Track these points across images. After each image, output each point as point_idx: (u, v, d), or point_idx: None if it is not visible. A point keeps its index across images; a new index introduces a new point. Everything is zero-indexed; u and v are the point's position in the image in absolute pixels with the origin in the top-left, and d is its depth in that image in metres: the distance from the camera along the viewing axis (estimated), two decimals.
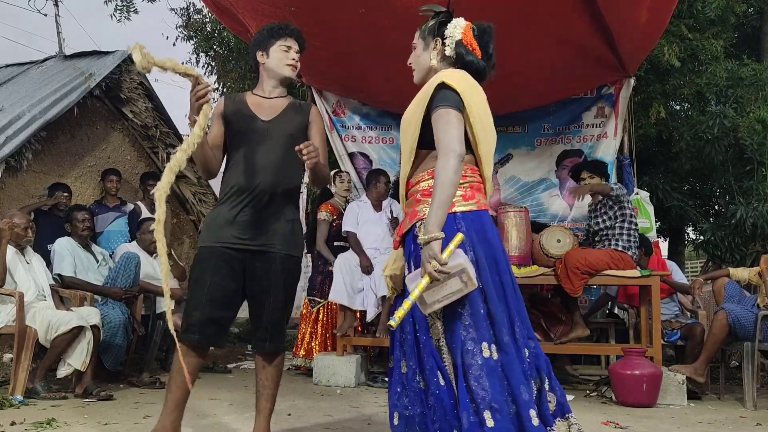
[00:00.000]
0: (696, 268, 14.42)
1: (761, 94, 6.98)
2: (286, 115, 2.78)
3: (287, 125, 2.75)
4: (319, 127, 2.84)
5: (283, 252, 2.71)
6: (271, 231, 2.69)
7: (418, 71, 2.48)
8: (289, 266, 2.74)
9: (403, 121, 2.39)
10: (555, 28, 4.71)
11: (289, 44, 2.83)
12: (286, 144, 2.70)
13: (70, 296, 4.60)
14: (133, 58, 2.27)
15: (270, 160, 2.69)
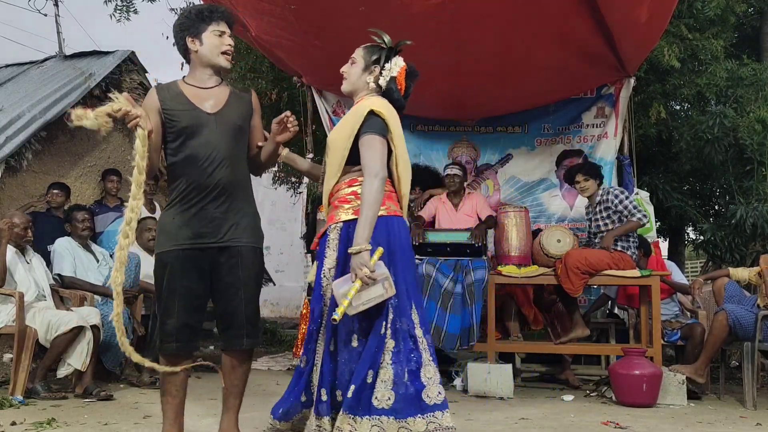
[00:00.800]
0: (696, 268, 14.41)
1: (761, 94, 6.97)
2: (230, 105, 2.69)
3: (234, 116, 2.68)
4: (259, 113, 2.84)
5: (250, 245, 2.67)
6: (234, 225, 2.63)
7: (348, 84, 2.82)
8: (257, 259, 2.70)
9: (333, 139, 2.71)
10: (555, 28, 4.71)
11: (222, 29, 2.69)
12: (236, 135, 2.67)
13: (70, 296, 4.60)
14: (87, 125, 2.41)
15: (222, 154, 2.62)
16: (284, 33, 4.91)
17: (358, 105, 2.71)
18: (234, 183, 2.64)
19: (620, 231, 4.78)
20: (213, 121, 2.64)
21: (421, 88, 5.91)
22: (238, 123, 2.68)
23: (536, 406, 4.23)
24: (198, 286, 2.62)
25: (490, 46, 4.85)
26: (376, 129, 2.58)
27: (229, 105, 2.69)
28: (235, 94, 2.74)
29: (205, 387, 4.81)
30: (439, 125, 6.58)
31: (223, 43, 2.69)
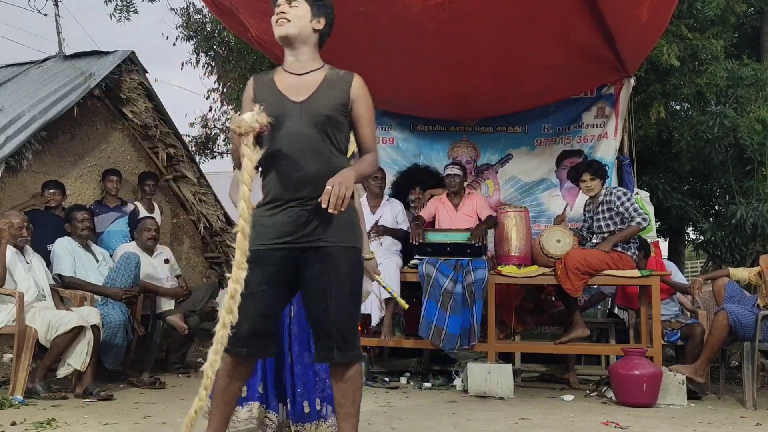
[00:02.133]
0: (696, 268, 14.41)
1: (761, 94, 6.98)
2: (320, 92, 2.42)
3: (321, 104, 2.41)
4: (365, 102, 2.45)
5: (339, 244, 2.38)
6: (323, 223, 2.36)
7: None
8: (350, 260, 2.40)
9: None
10: (555, 28, 4.72)
11: (279, 2, 2.46)
12: (323, 126, 2.40)
13: (70, 296, 4.60)
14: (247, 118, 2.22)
15: (308, 146, 2.38)
16: None
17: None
18: (324, 178, 2.32)
19: (619, 237, 4.78)
20: (298, 110, 2.40)
21: (421, 87, 5.95)
22: (325, 113, 2.40)
23: (536, 406, 4.23)
24: (277, 291, 2.40)
25: (490, 46, 4.85)
26: None
27: (318, 92, 2.42)
28: (330, 81, 2.44)
29: None
30: (439, 125, 6.58)
31: (276, 13, 2.44)
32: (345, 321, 2.36)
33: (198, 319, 5.40)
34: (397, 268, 5.01)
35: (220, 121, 10.44)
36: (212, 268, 7.30)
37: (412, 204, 5.77)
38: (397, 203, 5.51)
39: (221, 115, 10.35)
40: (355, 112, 2.44)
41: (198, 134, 10.74)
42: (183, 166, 6.63)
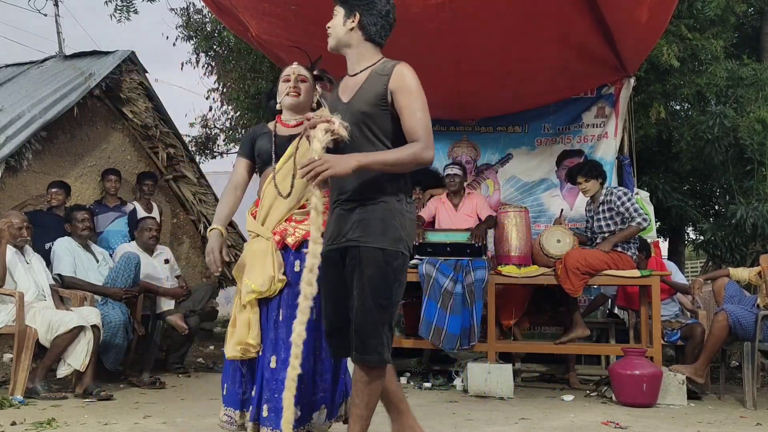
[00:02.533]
0: (696, 268, 14.42)
1: (761, 94, 6.98)
2: (361, 90, 2.43)
3: (360, 102, 2.41)
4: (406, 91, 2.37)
5: (368, 244, 2.34)
6: (357, 223, 2.37)
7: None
8: (375, 260, 2.34)
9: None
10: (555, 28, 4.71)
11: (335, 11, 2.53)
12: (361, 124, 2.39)
13: (70, 296, 4.60)
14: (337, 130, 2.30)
15: (350, 146, 2.38)
16: (284, 33, 4.91)
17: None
18: (360, 177, 2.35)
19: (619, 238, 4.78)
20: (345, 110, 2.44)
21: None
22: (363, 109, 2.39)
23: (536, 406, 4.23)
24: (339, 289, 2.46)
25: (490, 46, 4.85)
26: None
27: (360, 90, 2.44)
28: (373, 76, 2.43)
29: (205, 387, 4.81)
30: (439, 125, 6.58)
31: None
32: (363, 323, 2.33)
33: (198, 319, 5.40)
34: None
35: (220, 121, 10.44)
36: None
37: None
38: None
39: (221, 115, 10.35)
40: (396, 103, 2.38)
41: (198, 134, 10.73)
42: (183, 166, 6.63)
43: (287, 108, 2.92)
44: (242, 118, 9.32)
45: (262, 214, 2.82)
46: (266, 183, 2.81)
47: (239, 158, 2.96)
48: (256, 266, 2.72)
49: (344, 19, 2.47)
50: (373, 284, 2.33)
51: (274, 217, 2.79)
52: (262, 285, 2.68)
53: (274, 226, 2.78)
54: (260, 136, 2.92)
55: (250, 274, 2.72)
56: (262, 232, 2.78)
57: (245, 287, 2.72)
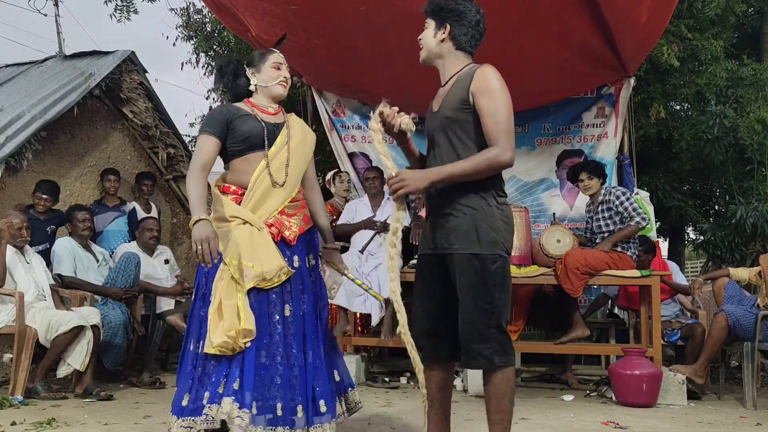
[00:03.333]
0: (696, 268, 14.41)
1: (761, 94, 6.97)
2: (447, 98, 2.48)
3: (446, 108, 2.47)
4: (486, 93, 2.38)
5: (462, 251, 2.39)
6: (447, 230, 2.43)
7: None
8: (472, 267, 2.38)
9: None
10: (555, 28, 4.71)
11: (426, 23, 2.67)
12: (447, 129, 2.45)
13: (70, 296, 4.60)
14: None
15: (438, 152, 2.47)
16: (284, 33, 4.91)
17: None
18: (448, 185, 2.41)
19: (618, 237, 4.78)
20: (436, 119, 2.54)
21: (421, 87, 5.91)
22: (447, 115, 2.46)
23: (536, 406, 4.23)
24: (435, 292, 2.49)
25: (489, 46, 4.84)
26: None
27: (446, 97, 2.49)
28: (457, 82, 2.48)
29: None
30: None
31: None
32: (467, 329, 2.38)
33: None
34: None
35: None
36: None
37: (412, 204, 5.76)
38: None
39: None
40: (476, 104, 2.39)
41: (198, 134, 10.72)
42: (183, 166, 6.63)
43: (274, 96, 2.85)
44: None
45: (251, 202, 2.70)
46: (259, 170, 2.72)
47: (209, 137, 2.70)
48: (258, 252, 2.61)
49: (435, 31, 2.55)
50: (473, 290, 2.36)
51: (269, 207, 2.72)
52: (268, 272, 2.58)
53: (268, 216, 2.71)
54: (239, 118, 2.76)
55: (254, 258, 2.59)
56: (253, 220, 2.68)
57: (250, 271, 2.57)
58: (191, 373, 2.61)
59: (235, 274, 2.57)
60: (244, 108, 2.81)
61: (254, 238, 2.64)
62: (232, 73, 2.91)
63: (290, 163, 2.77)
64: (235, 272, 2.57)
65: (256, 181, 2.71)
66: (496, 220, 2.40)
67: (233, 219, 2.68)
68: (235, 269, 2.57)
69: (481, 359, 2.37)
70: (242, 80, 2.88)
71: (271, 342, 2.60)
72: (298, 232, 2.75)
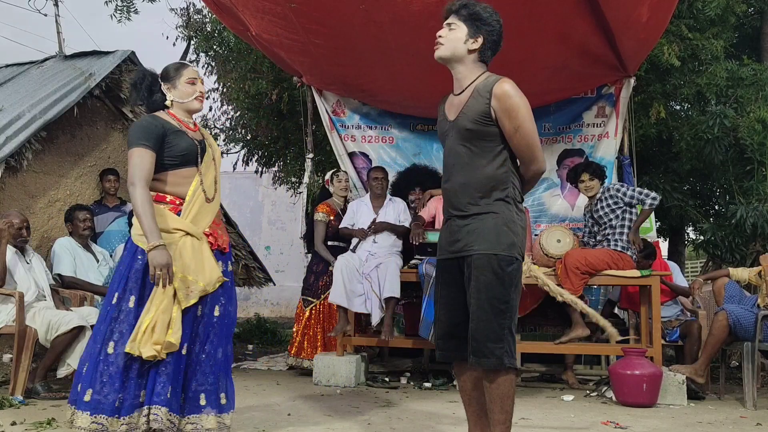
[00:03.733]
0: (696, 268, 14.41)
1: (761, 94, 6.96)
2: (467, 108, 2.55)
3: (465, 120, 2.53)
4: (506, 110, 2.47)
5: (481, 252, 2.47)
6: (469, 232, 2.51)
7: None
8: (490, 266, 2.46)
9: None
10: (555, 28, 4.71)
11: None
12: (468, 140, 2.53)
13: (70, 296, 4.60)
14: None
15: (457, 161, 2.56)
16: (285, 32, 4.91)
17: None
18: (471, 189, 2.51)
19: (638, 224, 4.87)
20: (452, 128, 2.60)
21: (421, 87, 5.93)
22: (468, 126, 2.52)
23: (536, 406, 4.23)
24: (455, 295, 2.57)
25: None
26: None
27: (465, 107, 2.56)
28: (476, 93, 2.54)
29: None
30: None
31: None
32: (481, 328, 2.43)
33: None
34: (397, 268, 5.01)
35: (220, 121, 10.42)
36: None
37: (412, 204, 5.77)
38: (400, 202, 5.51)
39: (221, 115, 10.33)
40: (501, 123, 2.49)
41: None
42: None
43: (191, 111, 2.97)
44: (242, 118, 9.31)
45: (190, 215, 2.84)
46: (194, 186, 2.86)
47: (146, 150, 2.80)
48: (200, 264, 2.78)
49: (467, 37, 2.55)
50: (490, 289, 2.44)
51: (206, 221, 2.88)
52: (209, 284, 2.77)
53: (205, 227, 2.87)
54: (174, 133, 2.87)
55: (198, 273, 2.77)
56: (194, 232, 2.83)
57: (194, 286, 2.75)
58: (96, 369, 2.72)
59: (180, 289, 2.72)
60: (171, 122, 2.92)
61: (195, 250, 2.80)
62: (147, 89, 2.98)
63: (218, 179, 2.98)
64: (179, 287, 2.72)
65: (193, 195, 2.87)
66: (516, 225, 2.51)
67: (176, 231, 2.81)
68: (180, 284, 2.73)
69: (492, 358, 2.42)
70: (158, 96, 2.97)
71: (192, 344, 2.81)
72: (227, 239, 2.98)
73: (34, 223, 5.13)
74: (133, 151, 2.80)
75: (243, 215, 13.20)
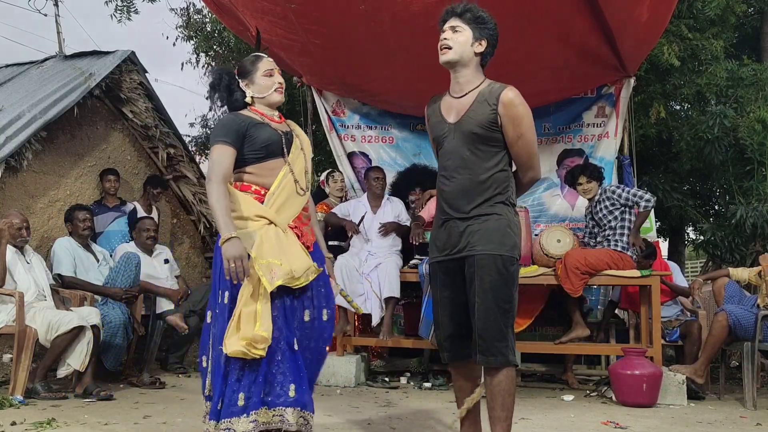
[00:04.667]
0: (696, 268, 14.41)
1: (761, 94, 6.97)
2: (471, 112, 2.57)
3: (471, 124, 2.56)
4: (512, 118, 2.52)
5: (486, 252, 2.50)
6: (472, 233, 2.53)
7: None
8: (495, 266, 2.50)
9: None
10: (555, 28, 4.71)
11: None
12: (473, 143, 2.56)
13: (70, 296, 4.60)
14: None
15: (458, 164, 2.57)
16: (284, 32, 4.91)
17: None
18: (473, 192, 2.55)
19: (637, 227, 4.86)
20: (452, 130, 2.60)
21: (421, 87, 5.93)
22: (474, 131, 2.54)
23: (536, 406, 4.23)
24: (456, 296, 2.59)
25: None
26: None
27: (469, 111, 2.57)
28: (481, 98, 2.57)
29: None
30: None
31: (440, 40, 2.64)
32: (488, 327, 2.47)
33: (198, 319, 5.39)
34: (397, 268, 5.02)
35: None
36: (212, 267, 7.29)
37: (412, 205, 5.77)
38: (398, 201, 5.51)
39: (221, 115, 10.35)
40: (504, 129, 2.54)
41: (198, 134, 10.70)
42: (183, 166, 6.62)
43: (272, 104, 2.80)
44: None
45: (275, 204, 2.68)
46: (282, 175, 2.70)
47: (227, 147, 2.64)
48: (289, 252, 2.60)
49: (473, 41, 2.59)
50: (495, 289, 2.48)
51: (291, 212, 2.71)
52: (296, 270, 2.57)
53: (289, 221, 2.70)
54: (256, 126, 2.72)
55: (283, 257, 2.56)
56: (279, 222, 2.66)
57: (278, 269, 2.53)
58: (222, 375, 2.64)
59: (260, 272, 2.52)
60: (254, 116, 2.78)
61: (281, 237, 2.64)
62: (226, 89, 2.85)
63: (308, 169, 2.83)
64: (259, 271, 2.52)
65: (279, 184, 2.69)
66: (516, 227, 2.59)
67: (258, 219, 2.64)
68: (261, 267, 2.53)
69: (500, 357, 2.47)
70: (237, 94, 2.82)
71: (286, 347, 2.62)
72: (312, 239, 2.79)
73: (34, 223, 5.13)
74: (212, 148, 2.66)
75: None
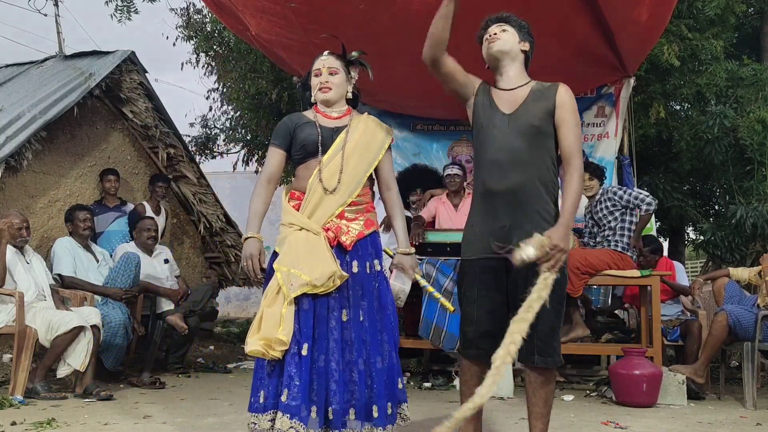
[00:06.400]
0: (696, 268, 14.40)
1: (761, 94, 6.97)
2: (527, 104, 2.56)
3: (528, 116, 2.54)
4: (569, 107, 2.56)
5: None
6: (527, 233, 2.41)
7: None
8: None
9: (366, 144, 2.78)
10: (555, 27, 4.71)
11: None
12: (530, 137, 2.52)
13: (70, 296, 4.60)
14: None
15: (513, 157, 2.51)
16: (284, 32, 4.91)
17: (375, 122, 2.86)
18: (527, 188, 2.50)
19: (639, 230, 4.84)
20: (507, 121, 2.56)
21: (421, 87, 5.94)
22: (533, 123, 2.53)
23: None
24: (494, 296, 2.56)
25: None
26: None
27: (525, 104, 2.57)
28: (536, 93, 2.58)
29: (205, 387, 4.82)
30: (439, 125, 6.58)
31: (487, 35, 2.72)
32: (548, 328, 2.48)
33: (198, 319, 5.40)
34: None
35: (220, 121, 10.42)
36: (212, 268, 7.30)
37: (413, 205, 5.76)
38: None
39: (221, 115, 10.34)
40: (557, 116, 2.55)
41: (198, 134, 10.70)
42: (183, 166, 6.63)
43: (325, 103, 2.81)
44: (242, 118, 9.32)
45: (308, 208, 2.68)
46: (312, 177, 2.70)
47: (275, 149, 2.78)
48: (310, 258, 2.58)
49: (520, 39, 2.71)
50: (556, 289, 2.42)
51: (323, 213, 2.68)
52: (317, 279, 2.53)
53: (324, 222, 2.67)
54: (301, 126, 2.75)
55: (302, 266, 2.55)
56: (309, 226, 2.65)
57: (296, 279, 2.54)
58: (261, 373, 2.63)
59: (281, 281, 2.56)
60: (307, 115, 2.82)
61: (309, 244, 2.62)
62: (303, 86, 2.96)
63: (344, 169, 2.72)
64: (280, 280, 2.56)
65: (310, 188, 2.70)
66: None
67: (291, 226, 2.69)
68: (282, 276, 2.57)
69: (556, 357, 2.51)
70: (307, 93, 2.91)
71: (327, 347, 2.58)
72: (356, 237, 2.71)
73: (34, 223, 5.14)
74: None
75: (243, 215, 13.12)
